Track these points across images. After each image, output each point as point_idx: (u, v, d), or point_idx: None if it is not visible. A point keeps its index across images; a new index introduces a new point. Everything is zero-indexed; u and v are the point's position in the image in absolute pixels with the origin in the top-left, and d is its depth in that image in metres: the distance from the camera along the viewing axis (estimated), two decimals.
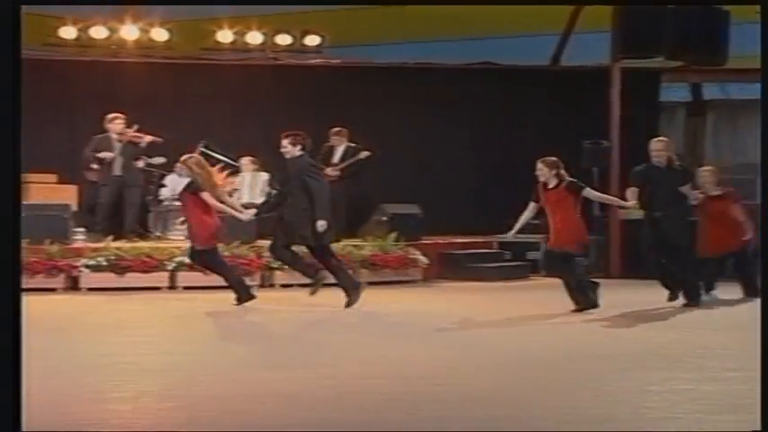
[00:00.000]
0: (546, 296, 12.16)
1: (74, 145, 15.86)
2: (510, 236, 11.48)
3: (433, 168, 17.08)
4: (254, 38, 17.23)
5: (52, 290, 12.72)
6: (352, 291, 11.18)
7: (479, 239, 15.94)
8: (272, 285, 13.58)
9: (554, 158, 10.93)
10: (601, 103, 16.10)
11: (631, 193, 11.38)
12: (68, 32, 16.66)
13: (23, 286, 12.07)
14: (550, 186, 10.98)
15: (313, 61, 17.71)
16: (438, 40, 17.89)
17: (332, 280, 11.38)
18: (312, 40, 17.49)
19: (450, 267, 15.07)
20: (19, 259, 5.41)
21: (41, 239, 13.18)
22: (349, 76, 17.40)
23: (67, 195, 14.42)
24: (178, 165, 15.75)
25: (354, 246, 14.17)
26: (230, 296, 11.63)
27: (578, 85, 17.10)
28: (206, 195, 11.28)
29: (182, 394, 6.39)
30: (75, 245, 13.71)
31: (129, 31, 16.78)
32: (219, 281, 12.55)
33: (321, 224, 10.94)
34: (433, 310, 11.36)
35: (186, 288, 13.18)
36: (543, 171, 10.94)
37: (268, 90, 17.06)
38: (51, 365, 7.30)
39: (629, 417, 5.71)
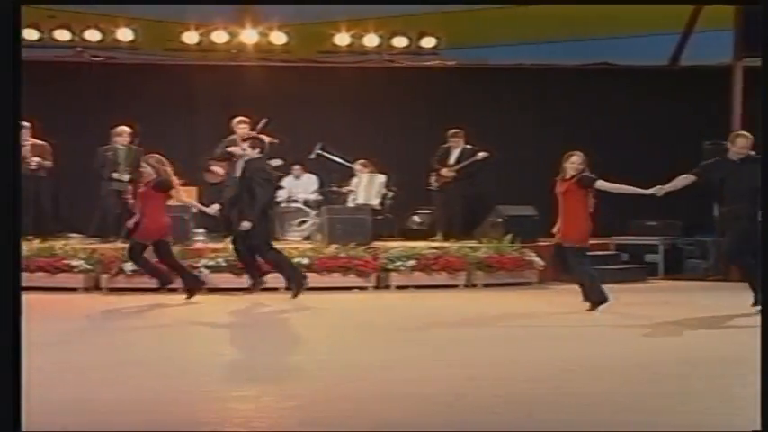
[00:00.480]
0: (663, 298, 11.97)
1: (193, 147, 16.14)
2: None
3: (548, 169, 16.93)
4: (371, 40, 17.27)
5: (173, 290, 12.93)
6: (298, 284, 12.08)
7: (596, 241, 15.74)
8: (387, 287, 13.62)
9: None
10: (721, 103, 15.78)
11: (682, 180, 11.00)
12: (190, 37, 16.96)
13: (145, 287, 12.62)
14: (564, 179, 11.04)
15: (429, 63, 17.71)
16: (554, 41, 17.74)
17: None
18: (428, 42, 17.47)
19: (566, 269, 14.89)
20: (19, 258, 5.34)
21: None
22: (465, 77, 17.35)
23: (188, 197, 14.64)
24: (295, 167, 16.00)
25: (470, 247, 14.11)
26: (348, 296, 11.69)
27: (698, 85, 16.78)
28: (175, 193, 12.02)
29: (301, 394, 6.43)
30: (196, 246, 13.92)
31: (249, 35, 16.99)
32: (337, 282, 12.71)
33: (245, 225, 11.76)
34: (554, 312, 11.23)
35: (304, 289, 13.23)
36: (576, 165, 10.96)
37: (384, 92, 17.11)
38: (174, 365, 7.45)
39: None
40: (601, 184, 10.97)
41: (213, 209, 12.56)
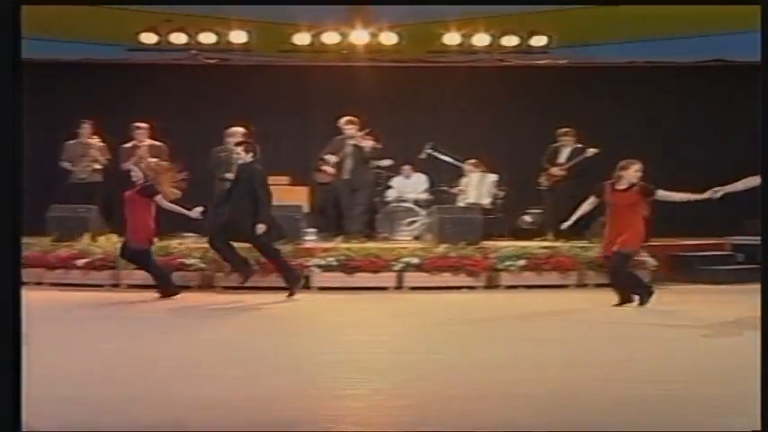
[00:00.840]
0: None
1: (305, 147, 16.32)
2: (565, 226, 12.00)
3: (662, 168, 16.70)
4: (481, 40, 17.23)
5: (285, 288, 13.08)
6: (293, 283, 12.30)
7: (710, 241, 15.50)
8: (497, 287, 13.58)
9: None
10: None
11: (749, 180, 10.40)
12: (302, 39, 17.13)
13: (258, 285, 12.80)
14: (621, 188, 11.07)
15: (539, 62, 17.62)
16: (666, 38, 17.48)
17: None
18: (539, 41, 17.37)
19: (679, 269, 14.69)
20: (19, 258, 5.21)
21: (276, 240, 13.62)
22: (576, 76, 17.23)
23: (299, 196, 14.81)
24: (404, 167, 16.06)
25: (581, 247, 13.97)
26: (457, 296, 11.67)
27: None
28: (159, 198, 12.21)
29: (413, 393, 6.46)
30: (307, 245, 14.07)
31: (359, 36, 17.10)
32: (447, 282, 12.74)
33: (260, 227, 11.96)
34: (673, 312, 11.07)
35: (413, 288, 13.33)
36: (637, 174, 11.03)
37: (494, 91, 17.08)
38: (288, 363, 7.54)
39: None
40: (661, 194, 11.09)
41: (196, 212, 12.61)
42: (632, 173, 11.04)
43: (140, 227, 12.23)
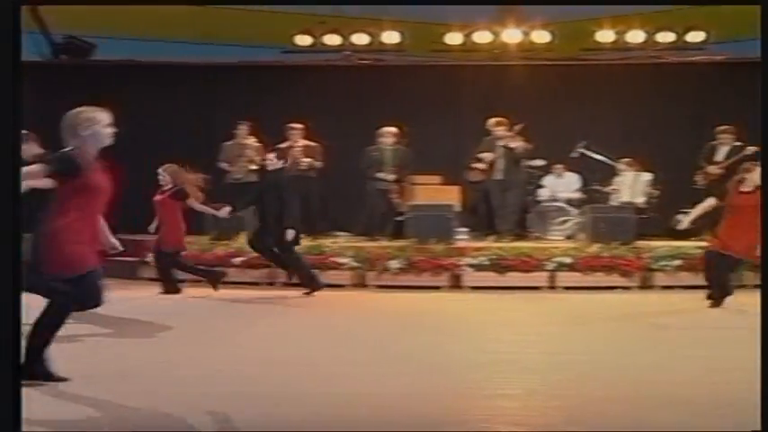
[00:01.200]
0: None
1: (457, 147, 16.34)
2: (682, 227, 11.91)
3: None
4: (635, 36, 17.03)
5: (436, 288, 13.13)
6: (310, 285, 12.52)
7: None
8: (651, 287, 13.38)
9: None
10: None
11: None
12: (454, 38, 17.18)
13: (411, 284, 12.89)
14: (746, 190, 10.76)
15: (696, 58, 17.26)
16: None
17: None
18: (695, 37, 17.05)
19: None
20: (19, 257, 5.09)
21: (427, 238, 13.71)
22: (733, 72, 16.80)
23: (451, 196, 14.82)
24: (557, 166, 15.96)
25: None
26: (610, 296, 11.52)
27: None
28: (190, 201, 12.45)
29: (569, 394, 6.41)
30: (459, 244, 14.08)
31: (511, 35, 17.05)
32: (600, 282, 12.65)
33: (290, 233, 12.36)
34: None
35: (566, 288, 13.22)
36: (757, 175, 10.64)
37: (649, 89, 16.80)
38: (439, 361, 7.57)
39: None
40: None
41: (224, 212, 12.82)
42: (757, 175, 10.70)
43: (172, 230, 12.58)
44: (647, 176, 15.60)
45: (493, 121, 14.98)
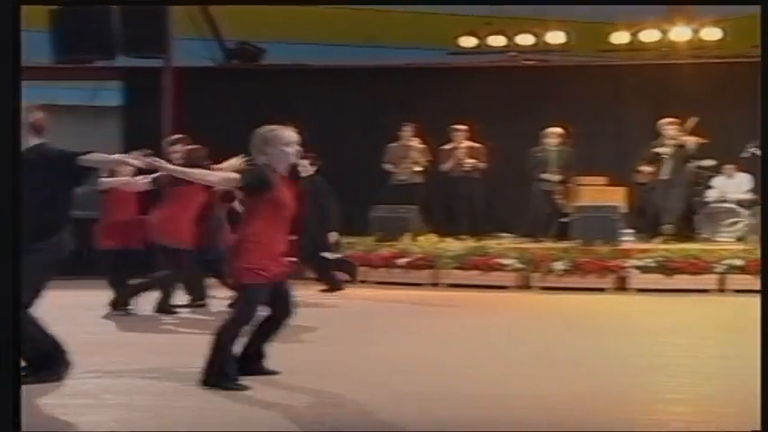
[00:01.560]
0: None
1: (623, 148, 16.12)
2: None
3: None
4: None
5: (601, 290, 12.98)
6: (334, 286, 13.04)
7: None
8: None
9: None
10: None
11: None
12: (620, 37, 16.97)
13: (575, 286, 12.78)
14: None
15: None
16: None
17: None
18: None
19: None
20: (19, 258, 5.02)
21: (592, 240, 13.58)
22: None
23: (617, 197, 14.62)
24: (727, 167, 15.57)
25: None
26: None
27: None
28: (236, 203, 11.65)
29: (741, 399, 6.26)
30: (625, 246, 13.90)
31: (680, 33, 16.74)
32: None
33: (332, 235, 12.90)
34: None
35: (737, 291, 12.89)
36: None
37: None
38: (605, 364, 7.49)
39: None
40: None
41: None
42: None
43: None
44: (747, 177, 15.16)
45: (665, 121, 14.77)
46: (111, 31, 14.05)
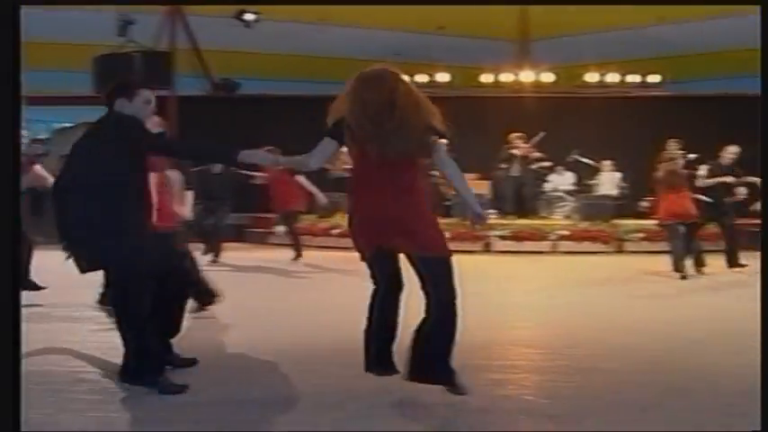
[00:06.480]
0: None
1: (486, 151, 16.39)
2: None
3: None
4: (612, 77, 16.99)
5: (472, 252, 13.31)
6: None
7: None
8: (622, 252, 13.61)
9: None
10: None
11: None
12: (486, 78, 17.25)
13: (455, 249, 13.06)
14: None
15: (655, 93, 17.19)
16: None
17: None
18: (653, 78, 16.98)
19: None
20: (18, 258, 4.20)
21: (467, 217, 13.93)
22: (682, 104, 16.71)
23: (483, 187, 14.93)
24: (558, 167, 16.07)
25: None
26: (594, 258, 11.72)
27: None
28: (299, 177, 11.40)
29: (559, 323, 6.69)
30: (489, 220, 14.25)
31: (527, 75, 17.01)
32: (587, 248, 12.98)
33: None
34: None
35: (564, 253, 13.46)
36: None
37: (620, 114, 16.75)
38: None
39: None
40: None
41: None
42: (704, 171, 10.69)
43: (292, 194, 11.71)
44: (619, 174, 15.72)
45: (514, 134, 15.27)
46: (135, 70, 14.05)
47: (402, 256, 4.24)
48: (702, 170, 10.93)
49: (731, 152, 10.74)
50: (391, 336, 4.28)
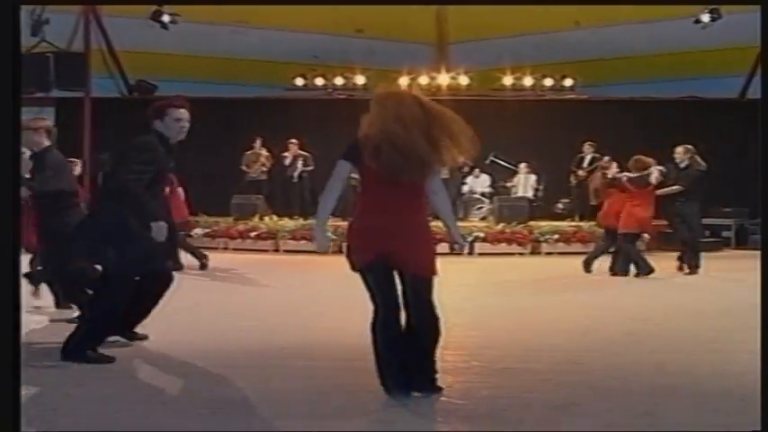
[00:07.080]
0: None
1: None
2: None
3: None
4: (527, 81, 17.24)
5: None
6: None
7: None
8: (539, 253, 13.77)
9: None
10: None
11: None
12: (403, 81, 17.24)
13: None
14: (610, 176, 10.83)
15: (568, 96, 17.48)
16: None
17: None
18: (567, 82, 17.27)
19: None
20: (18, 258, 4.10)
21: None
22: (595, 107, 17.06)
23: None
24: (475, 170, 16.22)
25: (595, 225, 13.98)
26: (510, 260, 11.82)
27: None
28: None
29: (482, 327, 6.70)
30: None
31: (443, 78, 17.15)
32: (503, 249, 13.05)
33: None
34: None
35: (480, 254, 13.53)
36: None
37: (535, 116, 16.99)
38: None
39: None
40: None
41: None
42: (614, 170, 11.08)
43: None
44: (534, 177, 15.95)
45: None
46: (49, 71, 13.58)
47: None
48: (614, 170, 11.18)
49: (679, 153, 10.70)
50: (403, 355, 4.31)
